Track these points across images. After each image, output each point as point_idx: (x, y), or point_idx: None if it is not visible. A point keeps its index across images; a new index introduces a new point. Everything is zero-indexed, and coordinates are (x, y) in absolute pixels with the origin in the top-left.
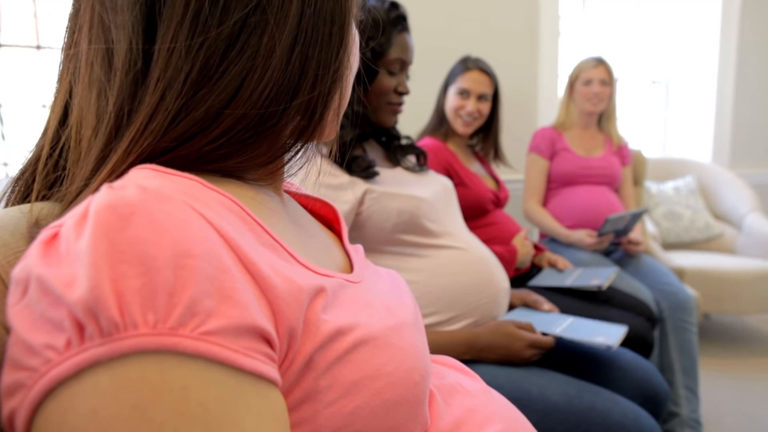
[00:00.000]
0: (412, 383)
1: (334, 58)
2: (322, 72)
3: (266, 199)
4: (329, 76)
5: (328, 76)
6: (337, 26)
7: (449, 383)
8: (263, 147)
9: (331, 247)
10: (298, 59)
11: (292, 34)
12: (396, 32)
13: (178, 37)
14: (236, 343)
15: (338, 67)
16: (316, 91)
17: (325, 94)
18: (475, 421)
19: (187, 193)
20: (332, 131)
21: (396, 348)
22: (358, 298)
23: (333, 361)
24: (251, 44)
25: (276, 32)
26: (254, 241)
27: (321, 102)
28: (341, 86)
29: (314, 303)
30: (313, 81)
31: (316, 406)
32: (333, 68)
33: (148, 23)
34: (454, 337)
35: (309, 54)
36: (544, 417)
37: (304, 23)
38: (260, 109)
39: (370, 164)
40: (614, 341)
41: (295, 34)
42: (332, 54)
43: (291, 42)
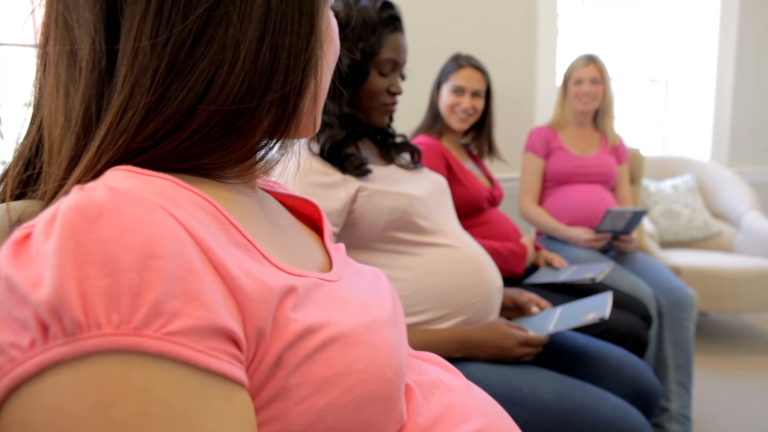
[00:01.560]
0: (385, 379)
1: (305, 47)
2: (293, 62)
3: (243, 199)
4: (301, 66)
5: (300, 66)
6: (306, 15)
7: (429, 379)
8: (239, 142)
9: (311, 246)
10: (268, 50)
11: (259, 25)
12: (387, 32)
13: (142, 34)
14: (201, 343)
15: (310, 57)
16: (288, 83)
17: (298, 85)
18: (454, 417)
19: (159, 194)
20: (310, 126)
21: (368, 345)
22: (332, 297)
23: (303, 359)
24: (218, 37)
25: (242, 24)
26: (227, 241)
27: (294, 93)
28: (315, 76)
29: (284, 302)
30: (285, 72)
31: (286, 403)
32: (304, 58)
33: (111, 21)
34: (446, 335)
35: (279, 44)
36: (535, 414)
37: (271, 13)
38: (233, 104)
39: (363, 162)
40: (605, 311)
41: (262, 25)
42: (303, 43)
43: (259, 33)
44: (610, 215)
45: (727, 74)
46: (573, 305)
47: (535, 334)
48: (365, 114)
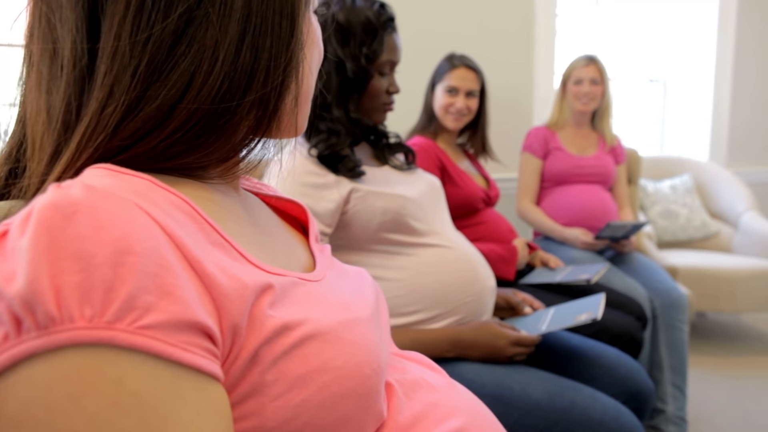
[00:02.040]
0: (362, 377)
1: (286, 48)
2: (274, 63)
3: (224, 199)
4: (282, 67)
5: (281, 67)
6: (287, 17)
7: (412, 378)
8: (220, 142)
9: (295, 246)
10: (248, 51)
11: (239, 26)
12: (386, 35)
13: (122, 33)
14: (174, 337)
15: (291, 58)
16: (269, 83)
17: (279, 85)
18: (436, 415)
19: (136, 192)
20: (292, 126)
21: (346, 342)
22: (312, 296)
23: (279, 355)
24: (198, 37)
25: (222, 24)
26: (203, 240)
27: (275, 93)
28: (297, 77)
29: (260, 300)
30: (266, 73)
31: (262, 399)
32: (285, 59)
33: (93, 20)
34: (438, 335)
35: (259, 45)
36: (526, 414)
37: (251, 14)
38: (213, 103)
39: (357, 164)
40: (597, 312)
41: (243, 26)
42: (283, 45)
43: (239, 34)
44: (610, 227)
45: (726, 74)
46: (566, 306)
47: (528, 333)
48: (367, 115)
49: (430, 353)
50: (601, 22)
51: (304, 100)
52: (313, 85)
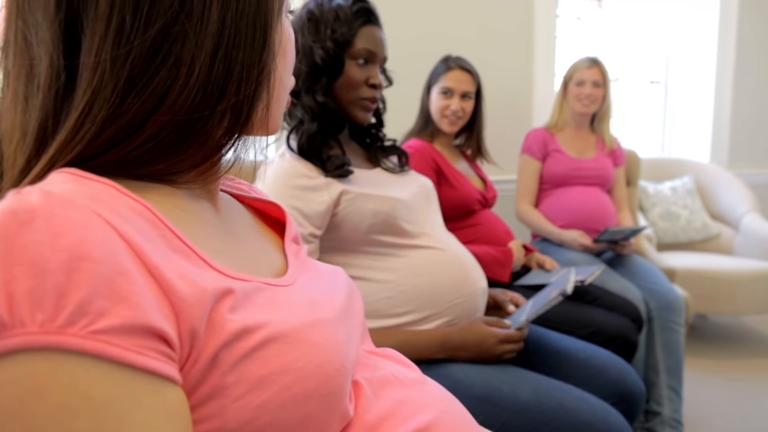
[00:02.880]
0: (325, 377)
1: (258, 60)
2: (246, 74)
3: (195, 206)
4: (254, 77)
5: (253, 77)
6: (260, 30)
7: (382, 375)
8: (192, 149)
9: (269, 250)
10: (221, 64)
11: (214, 40)
12: (359, 23)
13: (102, 51)
14: (127, 341)
15: (263, 69)
16: (241, 93)
17: (251, 95)
18: (404, 412)
19: (95, 199)
20: (264, 128)
21: (309, 344)
22: (277, 299)
23: (239, 358)
24: (174, 52)
25: (197, 39)
26: (164, 246)
27: (247, 103)
28: (268, 86)
29: (220, 304)
30: (238, 84)
31: (223, 401)
32: (257, 70)
33: (70, 38)
34: (426, 336)
35: (233, 58)
36: (514, 415)
37: (226, 29)
38: (186, 114)
39: (345, 162)
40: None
41: (217, 40)
42: (256, 56)
43: (213, 48)
44: (608, 232)
45: (727, 75)
46: (541, 292)
47: (514, 330)
48: (346, 109)
49: (418, 355)
50: (602, 23)
51: (276, 103)
52: (285, 90)
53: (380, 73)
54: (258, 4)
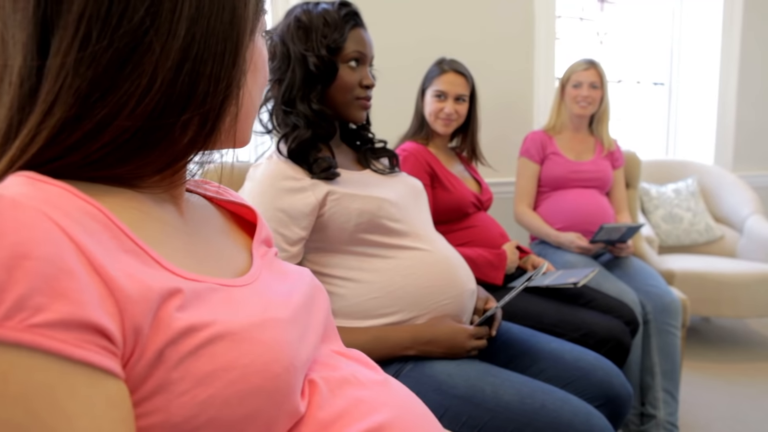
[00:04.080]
0: (271, 374)
1: (226, 75)
2: (213, 88)
3: (156, 209)
4: (221, 91)
5: (220, 92)
6: (230, 45)
7: (341, 375)
8: (154, 155)
9: (235, 251)
10: (187, 76)
11: (180, 54)
12: (349, 27)
13: (68, 56)
14: (65, 334)
15: (230, 83)
16: (206, 104)
17: (217, 107)
18: (360, 411)
19: (47, 201)
20: (231, 140)
21: (256, 342)
22: (231, 299)
23: (185, 354)
24: (139, 63)
25: (163, 52)
26: (115, 246)
27: (213, 114)
28: (237, 100)
29: (167, 303)
30: (204, 96)
31: (168, 396)
32: (224, 84)
33: (43, 40)
34: (398, 332)
35: (199, 71)
36: (496, 416)
37: (194, 44)
38: (148, 121)
39: (331, 165)
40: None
41: (184, 54)
42: (224, 72)
43: (179, 61)
44: (604, 230)
45: (731, 77)
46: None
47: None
48: (342, 110)
49: (390, 351)
50: (605, 25)
51: (245, 117)
52: (256, 104)
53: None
54: (231, 22)
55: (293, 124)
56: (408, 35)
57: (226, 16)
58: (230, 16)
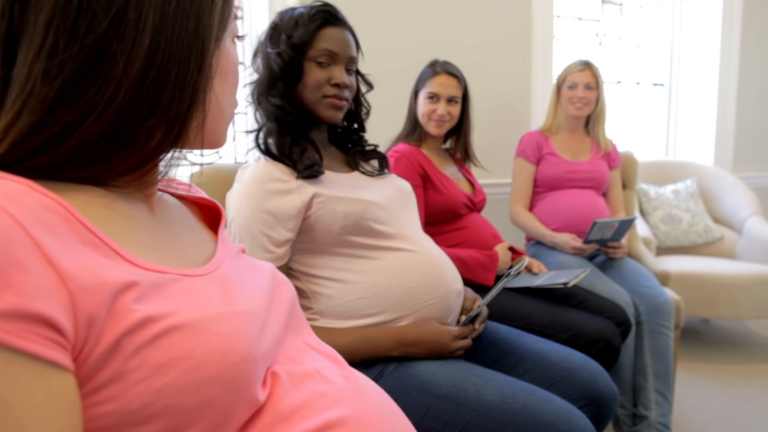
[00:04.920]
0: (228, 364)
1: (191, 82)
2: (178, 94)
3: (124, 205)
4: (186, 98)
5: (186, 97)
6: (195, 52)
7: (305, 369)
8: (120, 158)
9: (201, 245)
10: (153, 83)
11: (145, 62)
12: (317, 25)
13: (35, 65)
14: (10, 325)
15: (196, 89)
16: (172, 110)
17: (183, 113)
18: (321, 404)
19: (3, 196)
20: (199, 143)
21: (213, 333)
22: (193, 290)
23: (141, 344)
24: (105, 71)
25: (128, 61)
26: (74, 239)
27: (179, 120)
28: (203, 104)
29: (124, 294)
30: (170, 102)
31: (124, 384)
32: (189, 90)
33: (9, 49)
34: (382, 333)
35: (164, 78)
36: (478, 415)
37: (159, 52)
38: (114, 127)
39: (315, 162)
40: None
41: (148, 62)
42: (189, 78)
43: (144, 68)
44: (597, 226)
45: (731, 78)
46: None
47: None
48: (311, 109)
49: (375, 351)
50: (604, 26)
51: (214, 121)
52: (226, 107)
53: (349, 75)
54: (195, 30)
55: (263, 121)
56: (405, 37)
57: (190, 24)
58: (195, 24)
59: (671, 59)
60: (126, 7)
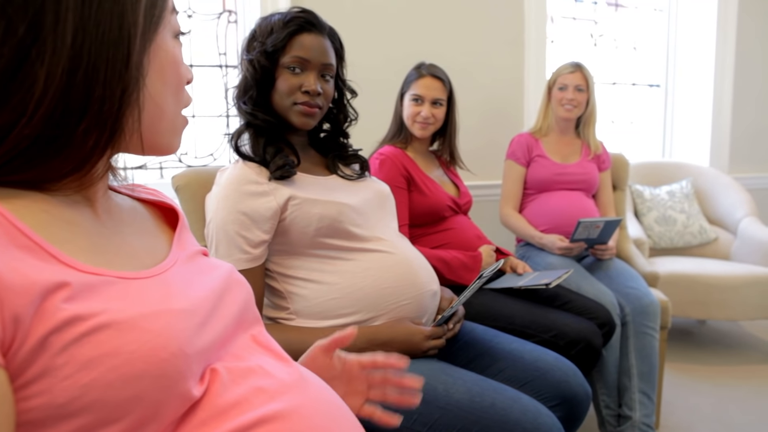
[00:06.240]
0: (158, 360)
1: (119, 79)
2: (109, 93)
3: (65, 211)
4: (117, 97)
5: (116, 97)
6: (121, 50)
7: (247, 365)
8: (58, 160)
9: (154, 248)
10: (81, 83)
11: (70, 63)
12: (289, 32)
13: None
14: None
15: (126, 88)
16: (104, 110)
17: (115, 112)
18: (259, 399)
19: None
20: (138, 145)
21: (143, 330)
22: (129, 291)
23: (69, 342)
24: (30, 73)
25: (53, 62)
26: (6, 242)
27: (111, 120)
28: (137, 102)
29: (53, 294)
30: (101, 102)
31: (52, 380)
32: (119, 89)
33: None
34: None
35: (93, 78)
36: (446, 413)
37: (83, 52)
38: (47, 129)
39: (287, 163)
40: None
41: (73, 63)
42: (117, 76)
43: (70, 69)
44: (582, 225)
45: (726, 79)
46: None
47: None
48: (284, 115)
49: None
50: (600, 27)
51: (153, 121)
52: (165, 106)
53: (324, 82)
54: (120, 28)
55: (241, 124)
56: (400, 40)
57: (114, 23)
58: (119, 22)
59: (667, 60)
60: (43, 11)
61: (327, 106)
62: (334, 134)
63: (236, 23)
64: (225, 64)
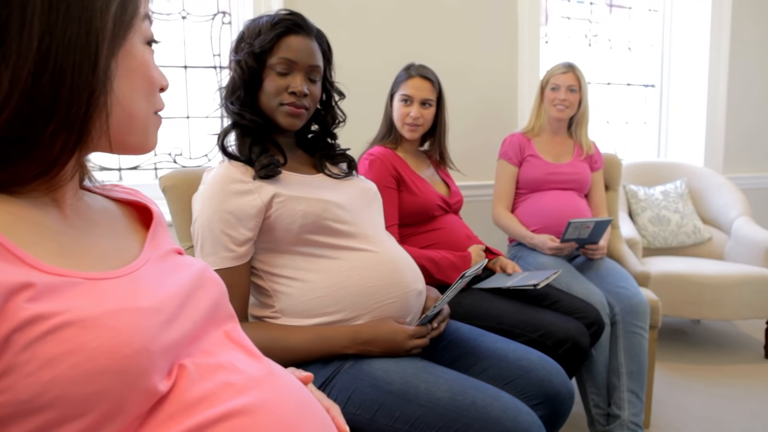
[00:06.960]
0: (121, 356)
1: (86, 83)
2: (75, 96)
3: (32, 213)
4: (83, 99)
5: (83, 98)
6: (88, 55)
7: (217, 361)
8: (27, 162)
9: (121, 249)
10: (48, 86)
11: (36, 66)
12: (277, 33)
13: None
14: None
15: (92, 91)
16: (71, 113)
17: (82, 115)
18: (227, 394)
19: None
20: (107, 145)
21: (107, 328)
22: (93, 291)
23: (32, 339)
24: None
25: (18, 65)
26: None
27: (78, 123)
28: (105, 105)
29: (17, 295)
30: (68, 104)
31: (15, 377)
32: (86, 92)
33: None
34: (338, 331)
35: (59, 81)
36: (427, 411)
37: (50, 55)
38: (14, 131)
39: (272, 162)
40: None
41: (40, 66)
42: (83, 80)
43: (36, 72)
44: (572, 225)
45: (721, 79)
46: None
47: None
48: (271, 116)
49: (330, 349)
50: (594, 27)
51: (122, 123)
52: (135, 110)
53: (311, 84)
54: (87, 33)
55: (228, 124)
56: (394, 41)
57: (81, 27)
58: (87, 27)
59: (662, 60)
60: (8, 16)
61: (314, 107)
62: (322, 135)
63: (230, 24)
64: (219, 66)
